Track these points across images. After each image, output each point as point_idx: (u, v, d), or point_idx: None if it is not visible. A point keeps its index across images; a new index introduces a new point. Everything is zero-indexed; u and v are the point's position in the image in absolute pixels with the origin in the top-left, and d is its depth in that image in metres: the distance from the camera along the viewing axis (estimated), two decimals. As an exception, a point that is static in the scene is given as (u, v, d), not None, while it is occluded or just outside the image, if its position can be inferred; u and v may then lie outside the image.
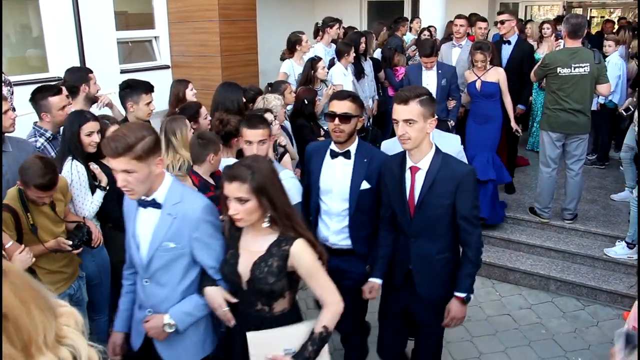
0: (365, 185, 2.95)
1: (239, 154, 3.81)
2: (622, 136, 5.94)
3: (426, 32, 7.42)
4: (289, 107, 5.14)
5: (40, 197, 2.89)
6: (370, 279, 2.99)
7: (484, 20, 6.69)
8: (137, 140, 2.10)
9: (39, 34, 6.63)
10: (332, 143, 3.01)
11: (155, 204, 2.28)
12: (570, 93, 4.88)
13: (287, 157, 3.86)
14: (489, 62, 5.28)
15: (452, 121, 5.52)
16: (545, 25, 7.14)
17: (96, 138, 3.33)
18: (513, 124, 5.46)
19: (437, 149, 2.73)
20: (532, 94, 6.66)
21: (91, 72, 4.23)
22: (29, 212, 2.92)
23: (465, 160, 3.36)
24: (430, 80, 5.40)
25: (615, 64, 6.52)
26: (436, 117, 2.67)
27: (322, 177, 3.03)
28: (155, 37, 8.10)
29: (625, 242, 4.80)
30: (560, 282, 4.86)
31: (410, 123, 2.57)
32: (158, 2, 7.94)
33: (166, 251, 2.28)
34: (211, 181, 3.45)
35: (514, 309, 4.65)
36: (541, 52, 6.83)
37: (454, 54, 6.26)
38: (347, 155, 2.97)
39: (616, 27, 8.92)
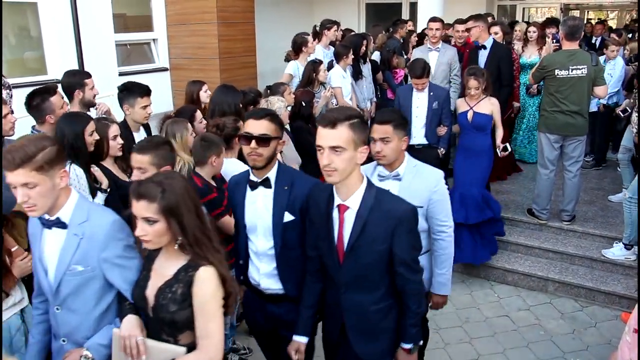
0: (288, 217, 2.56)
1: (241, 156, 3.83)
2: (619, 138, 5.96)
3: (414, 38, 7.43)
4: (289, 108, 5.15)
5: None
6: (294, 337, 2.59)
7: (463, 22, 6.47)
8: (37, 150, 1.93)
9: (38, 36, 6.63)
10: (251, 172, 2.64)
11: (60, 224, 2.11)
12: (568, 95, 4.90)
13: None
14: (482, 91, 4.88)
15: (442, 149, 5.19)
16: (531, 29, 6.82)
17: (96, 136, 3.31)
18: (499, 143, 5.02)
19: (369, 183, 2.32)
20: (516, 102, 6.44)
21: (89, 77, 4.13)
22: None
23: (445, 199, 2.90)
24: (420, 102, 5.04)
25: (622, 66, 6.58)
26: (367, 146, 2.30)
27: (246, 213, 2.65)
28: (153, 40, 8.10)
29: (623, 243, 4.82)
30: (558, 283, 4.87)
31: (337, 151, 2.13)
32: (156, 4, 7.95)
33: (74, 275, 2.11)
34: (213, 183, 3.46)
35: (513, 310, 4.65)
36: (527, 56, 6.71)
37: (432, 58, 5.91)
38: (266, 183, 2.60)
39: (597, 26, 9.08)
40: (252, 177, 2.62)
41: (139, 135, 4.00)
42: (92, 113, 4.23)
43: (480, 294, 4.91)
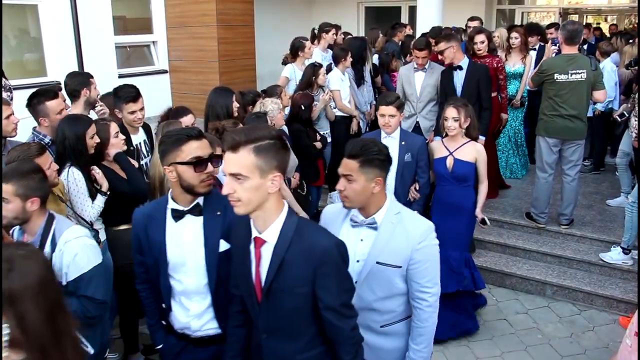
0: (224, 245, 2.24)
1: None
2: (617, 142, 5.97)
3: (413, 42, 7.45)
4: (286, 111, 5.17)
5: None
6: None
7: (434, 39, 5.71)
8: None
9: (38, 38, 6.65)
10: (171, 201, 2.29)
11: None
12: (567, 99, 4.91)
13: None
14: (464, 129, 4.01)
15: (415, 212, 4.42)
16: (514, 35, 6.31)
17: (97, 139, 3.32)
18: (479, 211, 4.15)
19: (289, 212, 1.95)
20: (504, 114, 5.92)
21: (92, 77, 4.21)
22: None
23: (432, 259, 2.38)
24: (391, 151, 3.80)
25: (611, 71, 6.57)
26: (292, 175, 2.20)
27: (169, 249, 2.28)
28: (153, 42, 8.14)
29: (621, 247, 4.82)
30: (556, 287, 4.87)
31: (239, 179, 1.82)
32: (156, 7, 7.98)
33: None
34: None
35: (511, 314, 4.66)
36: (511, 65, 6.34)
37: (417, 78, 5.44)
38: (195, 211, 2.26)
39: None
40: (176, 206, 2.27)
41: (137, 137, 4.01)
42: (92, 115, 4.26)
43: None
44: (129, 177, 3.46)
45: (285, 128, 4.91)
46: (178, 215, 2.26)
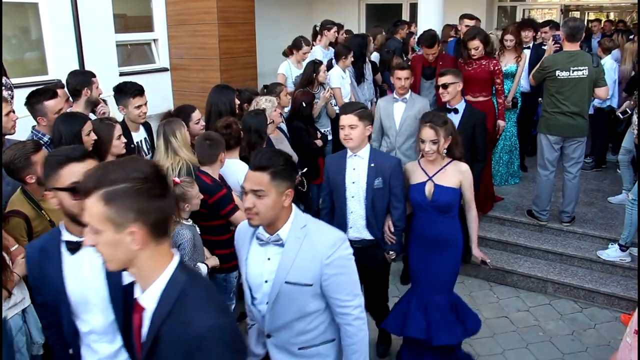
0: (129, 277, 1.91)
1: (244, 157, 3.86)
2: (619, 139, 5.96)
3: (414, 40, 7.44)
4: (286, 110, 5.17)
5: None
6: None
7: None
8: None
9: (38, 36, 6.64)
10: (64, 231, 2.04)
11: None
12: (569, 96, 4.90)
13: None
14: (444, 148, 3.39)
15: (391, 252, 3.57)
16: (508, 37, 6.07)
17: (94, 136, 3.32)
18: (476, 250, 3.64)
19: (178, 269, 1.54)
20: (501, 120, 5.56)
21: (94, 76, 4.23)
22: (42, 210, 2.89)
23: (346, 272, 2.17)
24: (357, 174, 3.41)
25: (610, 68, 6.55)
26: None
27: (69, 286, 2.02)
28: (154, 40, 8.13)
29: (618, 244, 4.82)
30: (557, 284, 4.87)
31: (95, 232, 1.46)
32: (157, 5, 7.97)
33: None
34: (219, 180, 3.49)
35: (512, 312, 4.66)
36: (503, 64, 5.99)
37: (397, 110, 4.70)
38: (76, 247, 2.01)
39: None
40: (70, 237, 2.01)
41: (138, 135, 4.02)
42: (91, 115, 4.26)
43: (479, 294, 4.91)
44: None
45: (284, 125, 4.92)
46: (73, 247, 1.99)
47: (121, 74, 7.14)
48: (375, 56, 7.04)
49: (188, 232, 3.13)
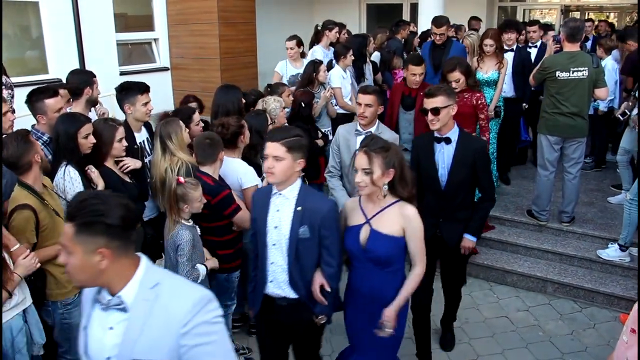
0: None
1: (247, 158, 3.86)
2: (618, 139, 5.97)
3: (417, 40, 7.44)
4: (287, 110, 5.18)
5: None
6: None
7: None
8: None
9: (39, 35, 6.64)
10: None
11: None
12: (569, 97, 4.90)
13: None
14: (384, 183, 2.67)
15: (322, 316, 2.85)
16: (488, 42, 5.62)
17: (93, 140, 3.32)
18: (390, 312, 2.71)
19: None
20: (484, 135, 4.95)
21: (94, 76, 4.24)
22: (45, 200, 2.91)
23: (217, 340, 1.68)
24: (280, 218, 2.73)
25: (612, 69, 6.55)
26: None
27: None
28: (154, 39, 8.13)
29: (618, 244, 4.83)
30: (557, 284, 4.88)
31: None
32: (158, 4, 7.97)
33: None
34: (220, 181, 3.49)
35: (512, 311, 4.66)
36: (484, 71, 5.69)
37: (359, 143, 3.16)
38: None
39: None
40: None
41: (140, 136, 4.01)
42: (92, 114, 4.27)
43: (479, 294, 4.92)
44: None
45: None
46: None
47: (121, 74, 7.14)
48: (375, 56, 7.05)
49: (187, 234, 3.13)
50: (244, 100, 4.49)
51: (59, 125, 3.30)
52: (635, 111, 5.22)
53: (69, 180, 3.21)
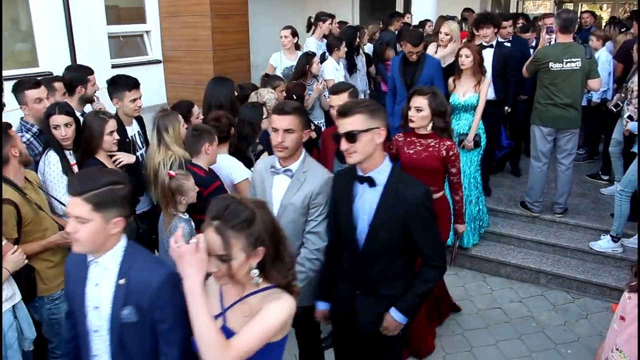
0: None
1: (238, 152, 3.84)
2: (611, 131, 5.98)
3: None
4: (280, 103, 5.16)
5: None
6: None
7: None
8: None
9: (29, 28, 6.58)
10: None
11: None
12: (562, 88, 4.91)
13: (264, 157, 3.82)
14: (252, 267, 1.85)
15: None
16: (464, 52, 4.77)
17: (64, 131, 3.29)
18: None
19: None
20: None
21: (92, 73, 4.20)
22: (27, 195, 2.88)
23: None
24: (99, 294, 2.04)
25: (605, 60, 6.55)
26: None
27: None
28: (146, 32, 8.07)
29: (610, 235, 4.85)
30: (550, 275, 4.90)
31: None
32: (149, -4, 7.90)
33: None
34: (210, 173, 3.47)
35: (505, 303, 4.68)
36: (460, 93, 4.87)
37: (277, 187, 2.85)
38: None
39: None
40: None
41: (132, 129, 3.99)
42: (88, 108, 4.24)
43: (473, 286, 4.94)
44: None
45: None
46: None
47: (113, 66, 7.09)
48: (369, 48, 7.02)
49: (186, 226, 3.12)
50: (236, 93, 4.46)
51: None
52: (626, 109, 5.21)
53: (47, 164, 3.28)
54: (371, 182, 2.49)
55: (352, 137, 2.38)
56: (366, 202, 2.51)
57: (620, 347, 2.14)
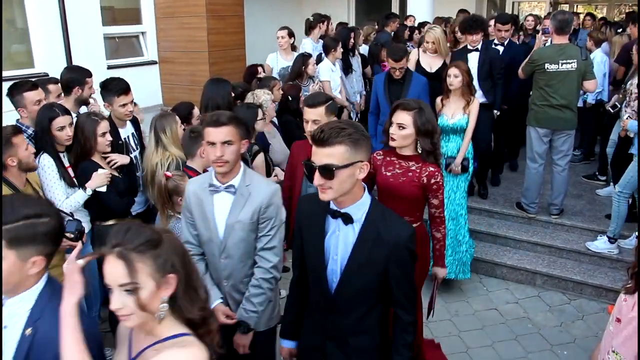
0: None
1: None
2: (607, 132, 5.99)
3: (407, 33, 7.39)
4: (276, 104, 5.16)
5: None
6: None
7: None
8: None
9: (24, 29, 6.55)
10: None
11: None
12: (558, 89, 4.91)
13: (259, 158, 3.80)
14: (163, 300, 1.60)
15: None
16: (453, 72, 4.47)
17: (69, 132, 3.31)
18: None
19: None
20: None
21: (90, 75, 4.18)
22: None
23: None
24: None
25: (601, 61, 6.56)
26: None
27: None
28: (142, 33, 8.04)
29: (607, 236, 4.86)
30: (546, 276, 4.90)
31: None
32: (145, -3, 7.88)
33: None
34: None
35: (501, 304, 4.68)
36: (449, 114, 4.54)
37: (219, 204, 2.65)
38: None
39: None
40: None
41: (125, 131, 3.98)
42: (83, 110, 4.23)
43: (469, 287, 4.93)
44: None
45: (275, 120, 4.90)
46: None
47: (109, 67, 7.06)
48: (364, 49, 7.02)
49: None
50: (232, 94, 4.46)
51: (38, 115, 3.36)
52: (624, 110, 5.21)
53: (42, 167, 3.27)
54: (347, 219, 2.07)
55: (329, 172, 1.92)
56: (340, 241, 2.11)
57: (617, 349, 2.14)
